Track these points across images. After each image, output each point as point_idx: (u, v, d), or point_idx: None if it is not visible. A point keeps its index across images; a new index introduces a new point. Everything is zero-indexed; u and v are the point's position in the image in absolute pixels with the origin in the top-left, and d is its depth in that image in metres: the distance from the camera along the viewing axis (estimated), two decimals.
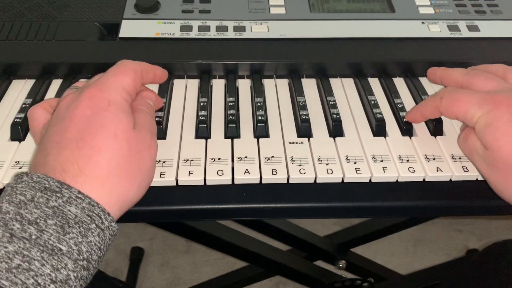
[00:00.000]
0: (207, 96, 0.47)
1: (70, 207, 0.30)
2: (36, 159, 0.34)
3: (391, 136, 0.44)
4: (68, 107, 0.35)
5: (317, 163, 0.40)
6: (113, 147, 0.33)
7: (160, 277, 1.18)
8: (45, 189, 0.31)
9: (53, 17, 0.54)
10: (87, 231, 0.31)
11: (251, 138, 0.43)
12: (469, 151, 0.40)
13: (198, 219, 0.46)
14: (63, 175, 0.32)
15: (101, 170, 0.32)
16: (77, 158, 0.32)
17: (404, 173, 0.40)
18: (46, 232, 0.29)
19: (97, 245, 0.31)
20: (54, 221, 0.30)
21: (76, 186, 0.31)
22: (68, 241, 0.30)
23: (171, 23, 0.53)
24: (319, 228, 1.17)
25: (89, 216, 0.31)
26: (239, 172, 0.39)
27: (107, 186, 0.32)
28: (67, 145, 0.33)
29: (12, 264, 0.28)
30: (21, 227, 0.29)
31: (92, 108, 0.34)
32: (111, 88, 0.36)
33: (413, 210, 0.41)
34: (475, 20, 0.55)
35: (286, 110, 0.47)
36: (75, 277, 0.29)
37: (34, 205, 0.30)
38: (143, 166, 0.35)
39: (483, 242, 1.27)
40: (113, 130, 0.34)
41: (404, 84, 0.51)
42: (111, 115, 0.34)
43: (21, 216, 0.29)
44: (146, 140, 0.36)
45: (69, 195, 0.31)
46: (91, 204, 0.31)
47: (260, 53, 0.50)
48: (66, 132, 0.33)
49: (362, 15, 0.55)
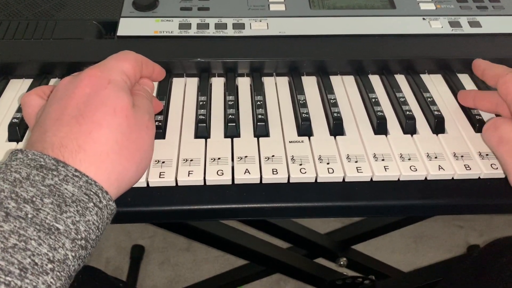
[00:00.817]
0: (207, 95, 0.46)
1: (66, 186, 0.30)
2: (32, 137, 0.34)
3: (393, 134, 0.43)
4: (67, 87, 0.35)
5: (318, 162, 0.40)
6: (113, 123, 0.33)
7: (160, 275, 1.18)
8: (41, 166, 0.30)
9: (51, 15, 0.53)
10: (85, 210, 0.30)
11: (251, 137, 0.43)
12: (498, 139, 0.39)
13: (198, 219, 0.46)
14: (61, 150, 0.31)
15: (101, 146, 0.32)
16: (76, 134, 0.32)
17: (406, 171, 0.39)
18: (42, 211, 0.29)
19: (95, 224, 0.31)
20: (50, 200, 0.29)
21: (75, 162, 0.31)
22: (65, 220, 0.29)
23: (169, 21, 0.52)
24: (320, 225, 1.16)
25: (86, 194, 0.30)
26: (239, 172, 0.39)
27: (106, 164, 0.32)
28: (67, 121, 0.33)
29: (8, 243, 0.27)
30: (17, 205, 0.28)
31: (92, 86, 0.34)
32: (111, 69, 0.36)
33: (415, 209, 0.40)
34: (476, 16, 0.55)
35: (286, 108, 0.46)
36: (73, 256, 0.29)
37: (29, 183, 0.29)
38: (142, 146, 0.35)
39: (484, 238, 1.27)
40: (113, 106, 0.34)
41: (405, 81, 0.50)
42: (110, 93, 0.34)
43: (16, 194, 0.29)
44: (145, 121, 0.36)
45: (66, 173, 0.30)
46: (88, 182, 0.31)
47: (260, 51, 0.50)
48: (66, 109, 0.33)
49: (363, 11, 0.55)
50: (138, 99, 0.37)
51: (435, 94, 0.48)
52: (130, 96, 0.36)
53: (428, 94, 0.47)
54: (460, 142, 0.43)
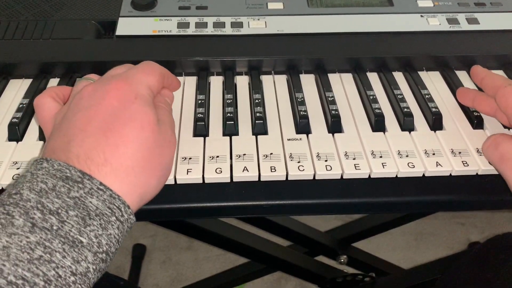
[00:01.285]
0: (205, 94, 0.47)
1: (91, 199, 0.30)
2: (53, 143, 0.33)
3: (390, 131, 0.44)
4: (92, 97, 0.35)
5: (316, 159, 0.40)
6: (139, 139, 0.33)
7: (162, 274, 1.18)
8: (67, 178, 0.30)
9: (50, 15, 0.54)
10: (107, 224, 0.30)
11: (249, 135, 0.43)
12: (499, 158, 0.38)
13: (198, 217, 0.46)
14: (88, 163, 0.31)
15: (126, 160, 0.32)
16: (103, 147, 0.32)
17: (404, 168, 0.40)
18: (67, 223, 0.29)
19: (116, 237, 0.31)
20: (75, 213, 0.29)
21: (100, 175, 0.31)
22: (88, 234, 0.29)
23: (168, 20, 0.52)
24: (321, 223, 1.16)
25: (109, 208, 0.31)
26: (238, 169, 0.39)
27: (130, 178, 0.32)
28: (93, 133, 0.33)
29: (34, 255, 0.27)
30: (43, 216, 0.29)
31: (119, 99, 0.34)
32: (138, 83, 0.36)
33: (413, 206, 0.41)
34: (474, 13, 0.55)
35: (285, 106, 0.47)
36: (94, 269, 0.29)
37: (55, 194, 0.30)
38: (163, 161, 0.35)
39: (485, 235, 1.27)
40: (140, 122, 0.34)
41: (403, 79, 0.50)
42: (138, 108, 0.34)
43: (42, 205, 0.29)
44: (167, 136, 0.36)
45: (91, 186, 0.31)
46: (112, 196, 0.31)
47: (258, 49, 0.50)
48: (92, 121, 0.33)
49: (360, 9, 0.55)
50: (161, 113, 0.38)
51: (433, 91, 0.48)
52: (155, 111, 0.36)
53: (426, 91, 0.47)
54: (458, 138, 0.43)
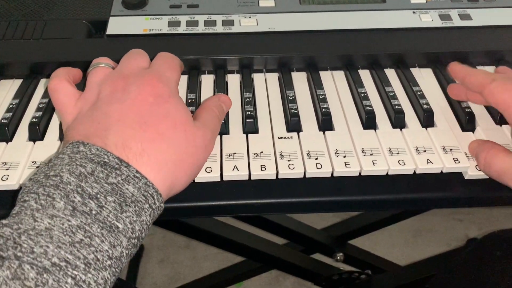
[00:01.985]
0: (196, 92, 0.46)
1: (128, 186, 0.31)
2: (85, 130, 0.34)
3: (382, 129, 0.43)
4: (126, 90, 0.35)
5: (306, 158, 0.40)
6: (173, 136, 0.34)
7: (160, 273, 1.18)
8: (105, 164, 0.31)
9: (40, 15, 0.53)
10: (141, 211, 0.31)
11: (240, 134, 0.43)
12: (497, 173, 0.38)
13: (189, 216, 0.46)
14: (126, 151, 0.32)
15: (162, 154, 0.33)
16: (141, 139, 0.33)
17: (394, 166, 0.39)
18: (105, 208, 0.30)
19: (147, 224, 0.32)
20: (113, 198, 0.30)
21: (137, 164, 0.32)
22: (124, 219, 0.30)
23: (159, 19, 0.52)
24: (317, 220, 1.16)
25: (144, 196, 0.31)
26: (228, 168, 0.39)
27: (164, 170, 0.33)
28: (130, 124, 0.33)
29: (75, 238, 0.28)
30: (82, 200, 0.29)
31: (155, 97, 0.35)
32: (170, 81, 0.37)
33: (404, 203, 0.41)
34: (467, 9, 0.55)
35: (276, 104, 0.46)
36: (127, 254, 0.30)
37: (94, 179, 0.30)
38: (196, 162, 0.36)
39: (483, 231, 1.27)
40: (174, 120, 0.35)
41: (395, 75, 0.50)
42: (172, 107, 0.35)
43: (82, 189, 0.30)
44: (206, 138, 0.37)
45: (128, 174, 0.31)
46: (147, 184, 0.32)
47: (249, 47, 0.50)
48: (129, 113, 0.34)
49: (353, 6, 0.55)
50: (208, 116, 0.39)
51: (424, 88, 0.48)
52: (189, 111, 0.37)
53: (418, 88, 0.47)
54: (449, 135, 0.43)
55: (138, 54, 0.40)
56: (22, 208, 0.29)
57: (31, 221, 0.28)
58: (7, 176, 0.38)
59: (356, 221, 0.97)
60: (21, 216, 0.29)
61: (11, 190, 0.38)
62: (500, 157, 0.38)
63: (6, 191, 0.38)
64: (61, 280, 0.27)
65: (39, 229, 0.28)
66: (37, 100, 0.46)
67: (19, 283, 0.26)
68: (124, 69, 0.38)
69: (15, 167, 0.39)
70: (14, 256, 0.27)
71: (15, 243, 0.27)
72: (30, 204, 0.29)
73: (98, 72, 0.39)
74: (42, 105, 0.45)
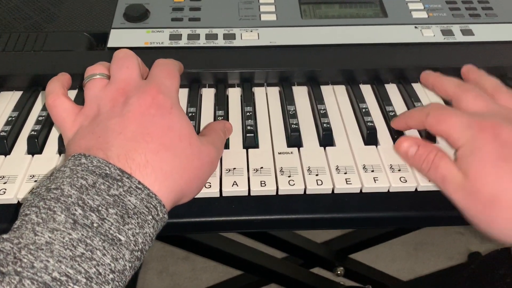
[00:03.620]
0: (196, 106, 0.46)
1: (130, 197, 0.31)
2: (86, 143, 0.34)
3: (383, 145, 0.43)
4: (127, 103, 0.35)
5: (307, 173, 0.40)
6: (178, 148, 0.34)
7: (159, 284, 1.17)
8: (106, 175, 0.31)
9: (42, 28, 0.53)
10: (144, 222, 0.31)
11: (240, 149, 0.42)
12: (441, 177, 0.37)
13: (187, 232, 0.46)
14: (129, 162, 0.32)
15: (167, 165, 0.33)
16: (144, 150, 0.33)
17: (396, 183, 0.39)
18: (107, 221, 0.29)
19: (151, 236, 0.31)
20: (115, 211, 0.30)
21: (142, 175, 0.32)
22: (127, 232, 0.30)
23: (160, 32, 0.52)
24: (318, 234, 1.15)
25: (146, 207, 0.31)
26: (227, 184, 0.39)
27: (168, 182, 0.33)
28: (132, 137, 0.33)
29: (76, 252, 0.28)
30: (83, 213, 0.29)
31: (157, 108, 0.35)
32: (170, 91, 0.37)
33: (405, 221, 0.40)
34: (469, 24, 0.55)
35: (276, 119, 0.46)
36: (130, 267, 0.30)
37: (95, 191, 0.30)
38: (201, 175, 0.36)
39: (485, 245, 1.26)
40: (178, 132, 0.35)
41: (397, 91, 0.50)
42: (174, 118, 0.35)
43: (83, 201, 0.29)
44: (211, 155, 0.37)
45: (130, 185, 0.31)
46: (149, 195, 0.31)
47: (251, 61, 0.50)
48: (131, 125, 0.34)
49: (355, 20, 0.55)
50: (215, 137, 0.39)
51: (426, 104, 0.47)
52: (190, 122, 0.37)
53: (420, 104, 0.47)
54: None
55: (127, 61, 0.38)
56: (23, 222, 0.29)
57: (31, 235, 0.28)
58: (4, 190, 0.38)
59: (357, 235, 0.96)
60: (21, 230, 0.29)
61: (9, 204, 0.38)
62: (446, 160, 0.37)
63: (4, 205, 0.38)
64: None
65: (40, 243, 0.28)
66: (37, 113, 0.46)
67: None
68: (120, 82, 0.37)
69: (13, 181, 0.39)
70: (14, 272, 0.26)
71: (15, 258, 0.27)
72: (31, 218, 0.29)
73: (95, 85, 0.38)
74: (41, 118, 0.44)
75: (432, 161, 0.38)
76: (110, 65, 0.39)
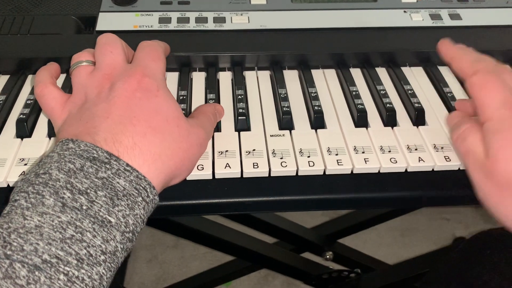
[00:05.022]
0: (187, 90, 0.46)
1: (118, 179, 0.31)
2: (75, 130, 0.33)
3: (373, 127, 0.43)
4: (112, 89, 0.35)
5: (299, 155, 0.40)
6: (166, 130, 0.34)
7: (148, 273, 1.17)
8: (94, 159, 0.31)
9: (28, 11, 0.52)
10: (134, 204, 0.31)
11: (232, 132, 0.42)
12: (464, 151, 0.36)
13: (179, 215, 0.46)
14: (116, 145, 0.32)
15: (155, 147, 0.33)
16: (132, 133, 0.32)
17: (386, 164, 0.40)
18: (96, 203, 0.29)
19: (142, 217, 0.32)
20: (104, 193, 0.30)
21: (130, 158, 0.32)
22: (116, 214, 0.30)
23: (149, 15, 0.52)
24: (307, 219, 1.16)
25: (136, 189, 0.31)
26: (220, 166, 0.39)
27: (157, 164, 0.33)
28: (119, 121, 0.33)
29: (66, 234, 0.28)
30: (72, 196, 0.29)
31: (142, 91, 0.34)
32: (156, 73, 0.36)
33: (396, 201, 0.41)
34: (457, 9, 0.55)
35: (268, 102, 0.46)
36: (122, 248, 0.30)
37: (83, 174, 0.30)
38: (191, 157, 0.36)
39: (470, 230, 1.29)
40: (165, 115, 0.34)
41: (386, 74, 0.50)
42: (162, 101, 0.35)
43: (72, 185, 0.29)
44: (200, 137, 0.37)
45: (118, 167, 0.31)
46: (138, 177, 0.31)
47: (241, 45, 0.50)
48: (117, 110, 0.33)
49: (344, 4, 0.55)
50: (205, 120, 0.39)
51: (416, 87, 0.48)
52: (178, 105, 0.36)
53: (409, 87, 0.47)
54: (440, 133, 0.43)
55: (111, 46, 0.38)
56: (12, 208, 0.29)
57: (21, 219, 0.28)
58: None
59: (345, 220, 0.97)
60: (11, 215, 0.29)
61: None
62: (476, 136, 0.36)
63: None
64: (53, 277, 0.26)
65: (29, 227, 0.28)
66: (25, 96, 0.45)
67: (11, 281, 0.25)
68: (105, 68, 0.37)
69: (2, 164, 0.38)
70: (4, 255, 0.26)
71: (5, 242, 0.27)
72: (20, 203, 0.29)
73: (81, 72, 0.38)
74: (30, 101, 0.44)
75: (462, 132, 0.37)
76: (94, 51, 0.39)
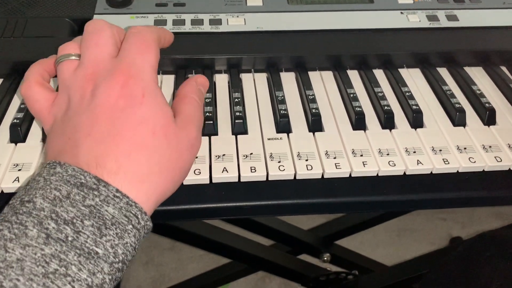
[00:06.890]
0: None
1: (107, 207, 0.29)
2: (56, 145, 0.32)
3: (371, 129, 0.43)
4: (95, 95, 0.32)
5: (297, 159, 0.39)
6: (152, 145, 0.32)
7: (145, 275, 1.17)
8: (81, 185, 0.29)
9: (22, 13, 0.52)
10: (124, 233, 0.29)
11: (229, 135, 0.42)
12: None
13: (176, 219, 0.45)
14: (99, 170, 0.30)
15: (141, 168, 0.31)
16: (115, 154, 0.30)
17: (384, 167, 0.39)
18: (82, 234, 0.28)
19: (132, 245, 0.30)
20: (91, 222, 0.28)
21: (114, 183, 0.30)
22: (104, 244, 0.28)
23: (144, 17, 0.51)
24: (304, 221, 1.16)
25: (126, 216, 0.29)
26: (217, 170, 0.38)
27: (146, 185, 0.31)
28: (101, 139, 0.31)
29: (49, 268, 0.26)
30: (57, 226, 0.28)
31: (125, 99, 0.32)
32: (142, 71, 0.33)
33: (395, 204, 0.40)
34: (454, 10, 0.55)
35: (265, 105, 0.46)
36: (110, 279, 0.28)
37: (69, 202, 0.28)
38: (183, 165, 0.34)
39: (466, 230, 1.29)
40: (151, 126, 0.32)
41: (383, 76, 0.50)
42: (147, 109, 0.32)
43: (57, 214, 0.28)
44: (191, 137, 0.34)
45: (107, 194, 0.29)
46: (128, 204, 0.30)
47: (237, 47, 0.49)
48: (98, 125, 0.31)
49: (341, 6, 0.54)
50: (189, 108, 0.36)
51: (413, 88, 0.48)
52: (168, 106, 0.34)
53: (407, 89, 0.47)
54: (439, 136, 0.43)
55: (96, 36, 0.35)
56: None
57: (2, 252, 0.26)
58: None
59: (342, 222, 0.97)
60: None
61: None
62: None
63: None
64: None
65: (10, 260, 0.26)
66: (19, 101, 0.45)
67: None
68: (88, 65, 0.34)
69: None
70: None
71: None
72: (3, 233, 0.27)
73: (65, 69, 0.35)
74: (24, 105, 0.43)
75: None
76: None
